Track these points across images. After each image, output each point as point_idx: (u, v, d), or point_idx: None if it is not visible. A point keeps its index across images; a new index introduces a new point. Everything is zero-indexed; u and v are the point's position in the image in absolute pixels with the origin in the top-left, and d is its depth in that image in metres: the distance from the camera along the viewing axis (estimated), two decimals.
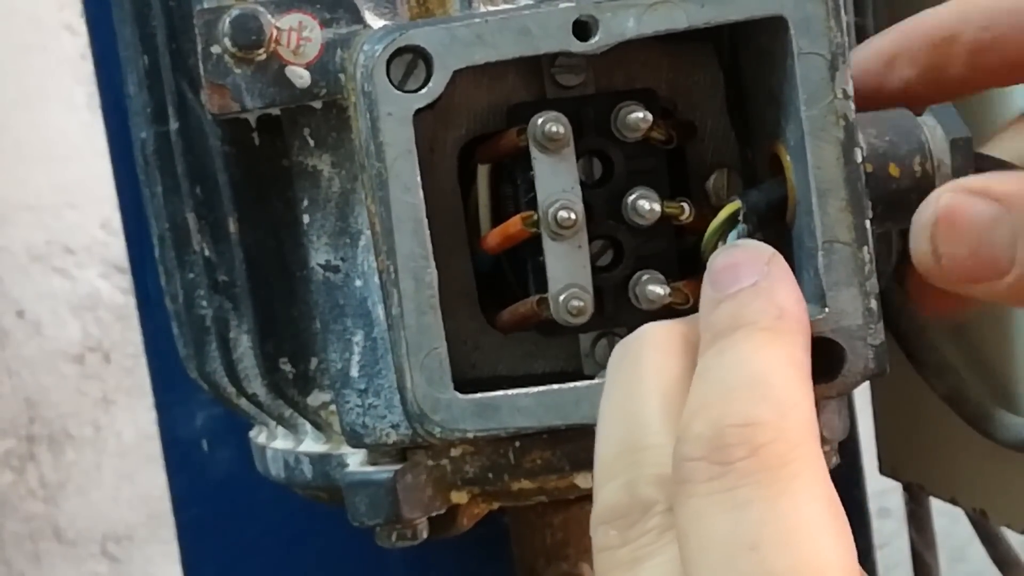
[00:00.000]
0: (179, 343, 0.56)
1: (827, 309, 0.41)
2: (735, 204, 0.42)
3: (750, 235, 0.42)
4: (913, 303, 0.39)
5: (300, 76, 0.44)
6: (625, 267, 0.44)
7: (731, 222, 0.42)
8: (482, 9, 0.45)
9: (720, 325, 0.34)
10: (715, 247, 0.41)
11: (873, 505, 0.72)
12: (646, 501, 0.31)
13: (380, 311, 0.46)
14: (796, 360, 0.33)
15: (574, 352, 0.47)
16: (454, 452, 0.47)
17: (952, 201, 0.36)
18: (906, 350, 0.59)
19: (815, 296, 0.41)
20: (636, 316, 0.44)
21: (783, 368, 0.32)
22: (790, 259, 0.43)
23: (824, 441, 0.47)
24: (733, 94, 0.47)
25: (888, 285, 0.50)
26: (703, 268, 0.39)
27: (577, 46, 0.42)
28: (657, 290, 0.44)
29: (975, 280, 0.36)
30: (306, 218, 0.47)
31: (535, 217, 0.43)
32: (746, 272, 0.36)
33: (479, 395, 0.43)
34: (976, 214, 0.36)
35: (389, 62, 0.42)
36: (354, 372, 0.47)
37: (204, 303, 0.52)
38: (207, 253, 0.50)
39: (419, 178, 0.42)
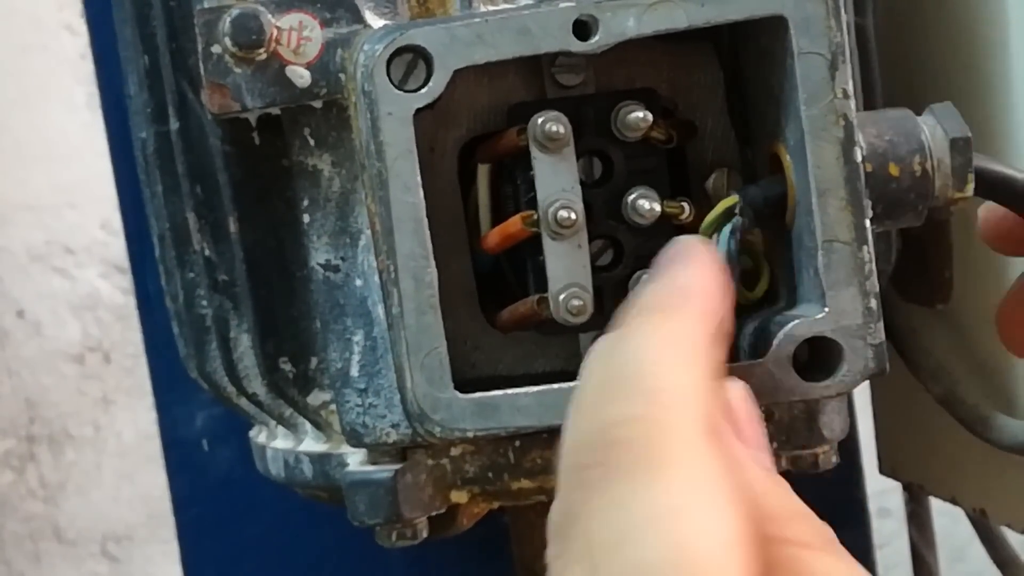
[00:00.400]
0: (179, 343, 0.56)
1: (827, 308, 0.41)
2: (732, 199, 0.42)
3: (746, 230, 0.42)
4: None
5: (300, 76, 0.44)
6: (625, 266, 0.45)
7: (726, 216, 0.42)
8: (482, 9, 0.45)
9: (626, 315, 0.34)
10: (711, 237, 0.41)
11: (873, 505, 0.72)
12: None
13: (380, 311, 0.46)
14: (686, 339, 0.33)
15: (574, 351, 0.47)
16: (454, 451, 0.47)
17: None
18: (901, 353, 0.59)
19: (815, 295, 0.42)
20: None
21: (666, 351, 0.32)
22: (790, 259, 0.44)
23: (824, 441, 0.47)
24: (733, 94, 0.47)
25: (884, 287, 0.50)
26: None
27: (577, 46, 0.42)
28: None
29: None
30: (306, 218, 0.47)
31: (535, 217, 0.43)
32: (666, 264, 0.36)
33: (479, 394, 0.43)
34: None
35: (389, 62, 0.42)
36: (354, 372, 0.47)
37: (204, 303, 0.52)
38: (207, 253, 0.50)
39: (419, 178, 0.42)
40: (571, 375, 0.45)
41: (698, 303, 0.34)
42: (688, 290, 0.34)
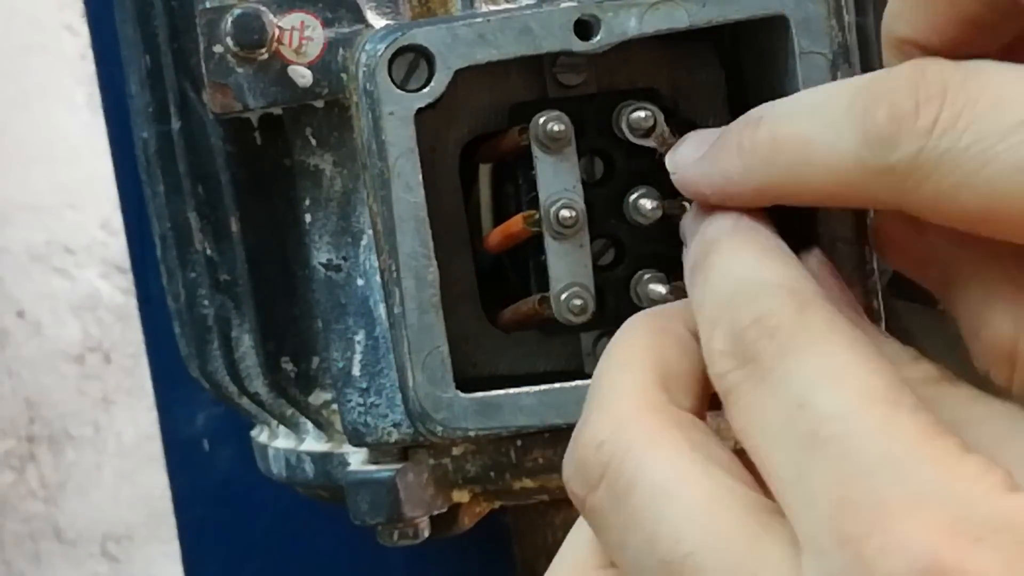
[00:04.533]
0: (181, 342, 0.56)
1: None
2: None
3: None
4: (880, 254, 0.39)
5: (302, 75, 0.44)
6: (627, 266, 0.45)
7: None
8: (484, 8, 0.45)
9: (694, 260, 0.35)
10: None
11: None
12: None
13: (382, 310, 0.46)
14: (766, 247, 0.33)
15: (576, 351, 0.47)
16: (456, 451, 0.47)
17: None
18: None
19: None
20: None
21: (759, 258, 0.33)
22: None
23: None
24: (734, 93, 0.47)
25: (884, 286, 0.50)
26: None
27: (579, 45, 0.42)
28: (659, 289, 0.44)
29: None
30: (308, 217, 0.47)
31: (537, 216, 0.43)
32: (700, 221, 0.37)
33: (481, 394, 0.43)
34: None
35: (391, 61, 0.42)
36: (356, 371, 0.47)
37: (206, 302, 0.52)
38: (209, 252, 0.51)
39: (421, 177, 0.42)
40: (573, 375, 0.45)
41: (753, 218, 0.35)
42: (742, 216, 0.35)
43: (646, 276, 0.44)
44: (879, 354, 0.30)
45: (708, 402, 0.34)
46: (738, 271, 0.33)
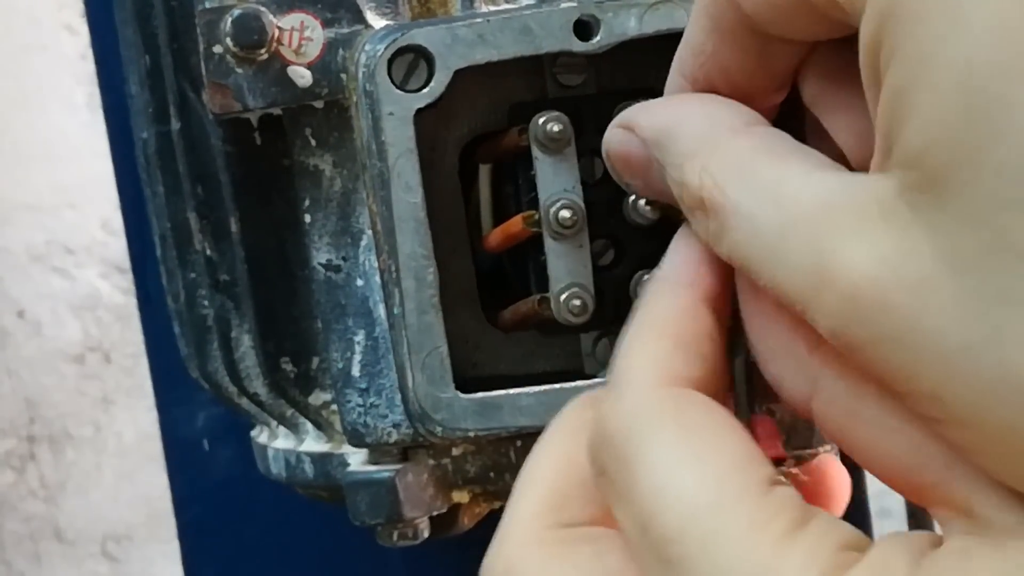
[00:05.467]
0: (180, 343, 0.56)
1: None
2: None
3: None
4: None
5: (302, 76, 0.44)
6: (626, 266, 0.45)
7: None
8: (484, 9, 0.45)
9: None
10: None
11: (873, 505, 0.72)
12: None
13: (381, 310, 0.46)
14: (640, 325, 0.33)
15: (575, 351, 0.47)
16: (455, 451, 0.47)
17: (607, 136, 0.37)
18: None
19: None
20: None
21: (626, 344, 0.33)
22: None
23: (825, 440, 0.47)
24: None
25: None
26: None
27: (578, 46, 0.42)
28: None
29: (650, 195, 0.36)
30: (307, 217, 0.47)
31: (536, 216, 0.43)
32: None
33: (480, 394, 0.43)
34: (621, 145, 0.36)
35: (391, 62, 0.42)
36: (355, 371, 0.47)
37: (205, 302, 0.52)
38: (208, 252, 0.51)
39: (420, 177, 0.42)
40: (572, 375, 0.45)
41: (681, 278, 0.34)
42: (670, 273, 0.35)
43: (645, 276, 0.44)
44: (713, 428, 0.29)
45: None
46: (625, 353, 0.33)
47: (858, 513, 0.71)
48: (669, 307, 0.33)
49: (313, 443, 0.51)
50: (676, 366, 0.31)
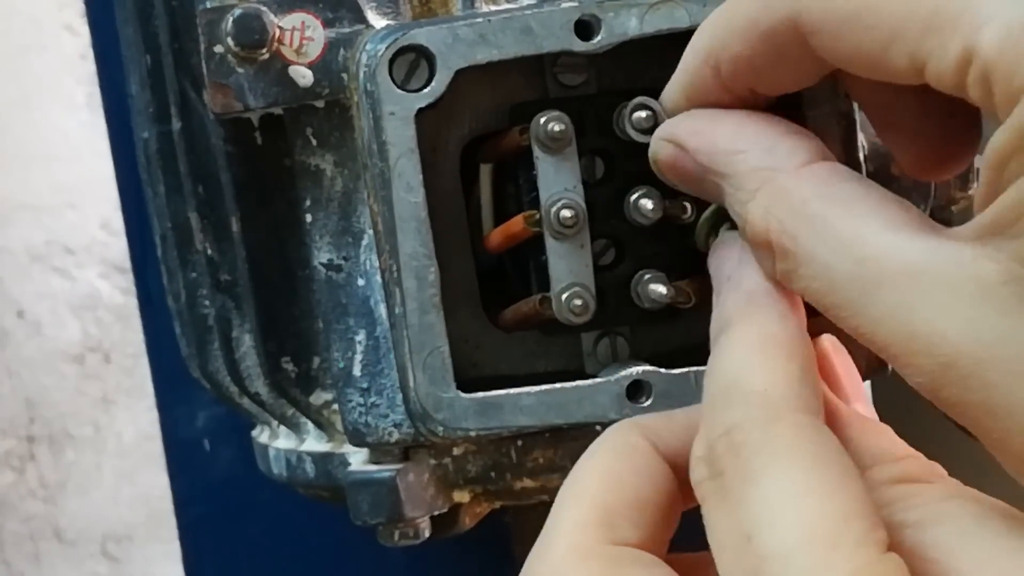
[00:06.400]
0: (181, 342, 0.56)
1: None
2: None
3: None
4: None
5: (303, 75, 0.44)
6: (627, 266, 0.45)
7: (720, 214, 0.42)
8: (485, 8, 0.45)
9: (714, 334, 0.35)
10: (706, 238, 0.41)
11: None
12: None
13: (382, 310, 0.46)
14: (762, 339, 0.33)
15: (576, 351, 0.47)
16: (456, 451, 0.47)
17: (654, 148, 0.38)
18: None
19: None
20: (638, 315, 0.45)
21: (748, 357, 0.33)
22: None
23: None
24: None
25: None
26: (705, 267, 0.39)
27: (580, 45, 0.42)
28: (659, 289, 0.44)
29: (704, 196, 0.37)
30: (308, 217, 0.47)
31: (537, 216, 0.43)
32: (723, 270, 0.36)
33: (481, 394, 0.43)
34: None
35: (392, 61, 0.42)
36: (356, 371, 0.47)
37: (206, 302, 0.52)
38: (209, 252, 0.51)
39: (421, 177, 0.42)
40: (573, 375, 0.45)
41: (768, 298, 0.34)
42: (753, 292, 0.35)
43: (646, 276, 0.44)
44: (842, 470, 0.30)
45: (673, 527, 0.35)
46: (728, 369, 0.33)
47: None
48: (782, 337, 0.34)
49: (314, 443, 0.51)
50: (810, 398, 0.32)
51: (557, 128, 0.42)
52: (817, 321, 0.34)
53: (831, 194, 0.32)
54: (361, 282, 0.46)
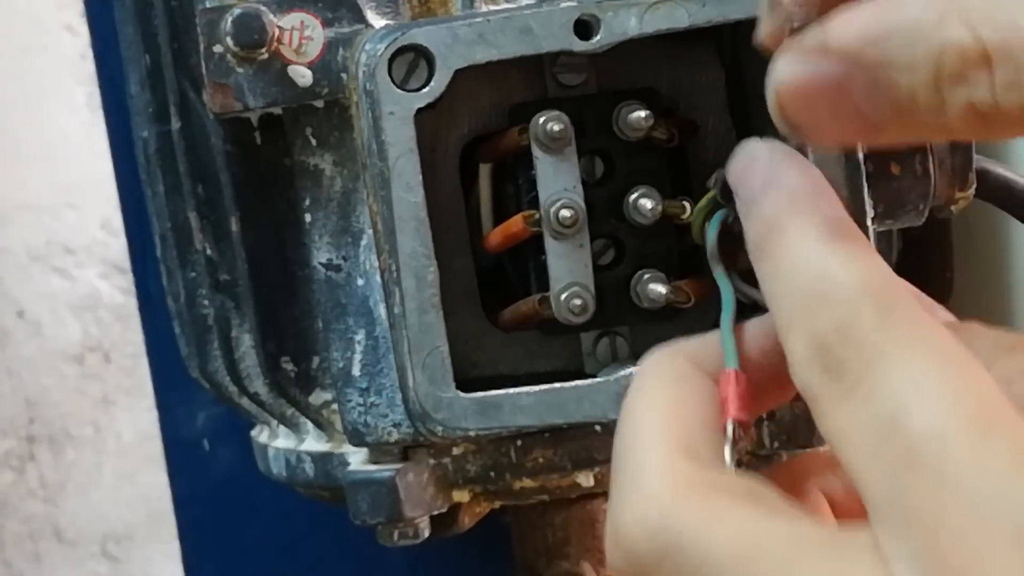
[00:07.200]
0: (181, 342, 0.56)
1: None
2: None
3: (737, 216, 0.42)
4: None
5: (302, 75, 0.44)
6: (627, 266, 0.45)
7: (715, 202, 0.42)
8: (484, 8, 0.45)
9: (756, 239, 0.33)
10: (701, 227, 0.41)
11: None
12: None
13: (382, 310, 0.46)
14: (830, 229, 0.32)
15: (576, 351, 0.47)
16: (456, 451, 0.47)
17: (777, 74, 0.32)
18: None
19: None
20: (637, 315, 0.45)
21: (828, 249, 0.31)
22: None
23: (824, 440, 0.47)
24: (734, 93, 0.47)
25: None
26: (705, 267, 0.39)
27: (579, 45, 0.42)
28: (658, 289, 0.44)
29: (859, 138, 0.34)
30: (308, 217, 0.47)
31: (537, 216, 0.43)
32: (752, 175, 0.35)
33: (481, 394, 0.43)
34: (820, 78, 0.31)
35: (391, 61, 0.42)
36: (356, 371, 0.47)
37: (206, 302, 0.52)
38: (209, 252, 0.51)
39: (421, 177, 0.42)
40: (573, 374, 0.45)
41: (815, 190, 0.33)
42: (797, 188, 0.33)
43: (646, 276, 0.44)
44: (970, 359, 0.29)
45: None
46: (811, 266, 0.31)
47: None
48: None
49: (313, 442, 0.51)
50: (906, 289, 0.31)
51: (556, 128, 0.42)
52: None
53: None
54: (360, 282, 0.46)
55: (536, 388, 0.43)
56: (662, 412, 0.33)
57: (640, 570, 0.31)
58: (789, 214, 0.33)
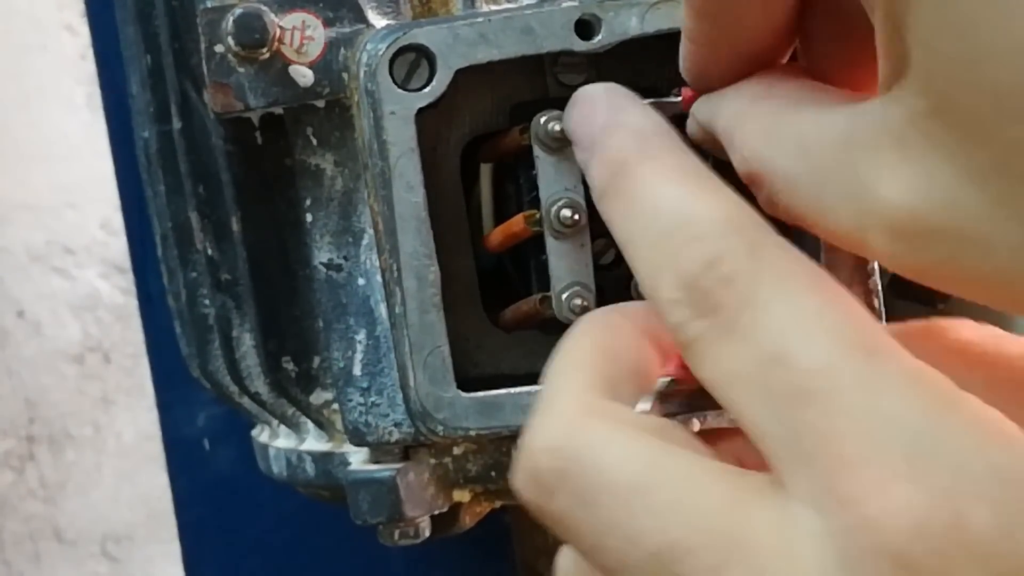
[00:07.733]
0: (181, 342, 0.56)
1: None
2: None
3: None
4: None
5: (303, 75, 0.44)
6: (627, 266, 0.44)
7: None
8: (485, 8, 0.45)
9: (602, 182, 0.33)
10: None
11: None
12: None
13: (383, 309, 0.46)
14: (683, 167, 0.31)
15: None
16: (457, 450, 0.47)
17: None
18: None
19: None
20: None
21: (683, 187, 0.31)
22: None
23: None
24: None
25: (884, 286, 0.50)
26: None
27: (580, 45, 0.42)
28: None
29: None
30: (309, 217, 0.47)
31: (538, 216, 0.43)
32: (591, 117, 0.35)
33: (482, 393, 0.43)
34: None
35: (392, 61, 0.42)
36: (357, 370, 0.47)
37: (207, 302, 0.52)
38: (210, 252, 0.51)
39: (422, 177, 0.42)
40: None
41: (659, 130, 0.33)
42: (642, 129, 0.33)
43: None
44: (842, 290, 0.28)
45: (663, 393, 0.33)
46: (668, 204, 0.30)
47: None
48: None
49: (314, 442, 0.51)
50: (765, 222, 0.30)
51: (557, 128, 0.42)
52: None
53: (782, 100, 0.30)
54: (361, 281, 0.46)
55: (537, 388, 0.43)
56: (587, 351, 0.33)
57: (541, 490, 0.30)
58: (638, 154, 0.32)
